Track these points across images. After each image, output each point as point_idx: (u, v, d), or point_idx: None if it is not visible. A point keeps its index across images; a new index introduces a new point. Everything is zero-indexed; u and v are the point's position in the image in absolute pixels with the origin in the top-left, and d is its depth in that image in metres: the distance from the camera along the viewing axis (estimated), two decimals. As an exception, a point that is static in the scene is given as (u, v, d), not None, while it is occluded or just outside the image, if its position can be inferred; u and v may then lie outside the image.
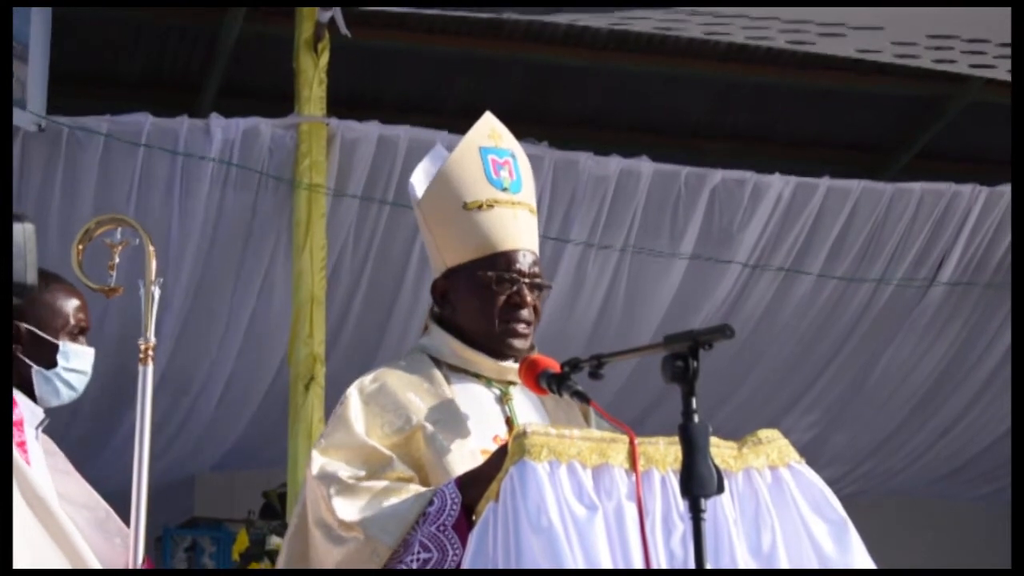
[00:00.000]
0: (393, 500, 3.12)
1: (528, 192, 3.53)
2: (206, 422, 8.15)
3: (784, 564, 2.97)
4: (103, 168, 6.73)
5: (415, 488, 3.15)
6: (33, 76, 6.34)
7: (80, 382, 3.63)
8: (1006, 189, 7.86)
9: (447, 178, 3.46)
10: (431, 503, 3.09)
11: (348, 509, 3.12)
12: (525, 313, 3.41)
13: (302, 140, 6.79)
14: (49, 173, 6.68)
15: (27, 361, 3.56)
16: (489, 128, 3.54)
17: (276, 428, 7.49)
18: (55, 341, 3.58)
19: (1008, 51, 6.43)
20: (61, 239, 6.47)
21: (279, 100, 7.12)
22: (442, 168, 3.48)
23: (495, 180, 3.46)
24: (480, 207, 3.43)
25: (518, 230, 3.45)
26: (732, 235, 7.72)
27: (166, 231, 6.88)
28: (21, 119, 6.32)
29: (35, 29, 6.35)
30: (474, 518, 3.00)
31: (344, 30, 6.63)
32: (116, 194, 6.75)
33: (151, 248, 3.67)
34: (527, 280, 3.42)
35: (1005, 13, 5.84)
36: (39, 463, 3.51)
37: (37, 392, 3.58)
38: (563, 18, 7.15)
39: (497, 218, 3.43)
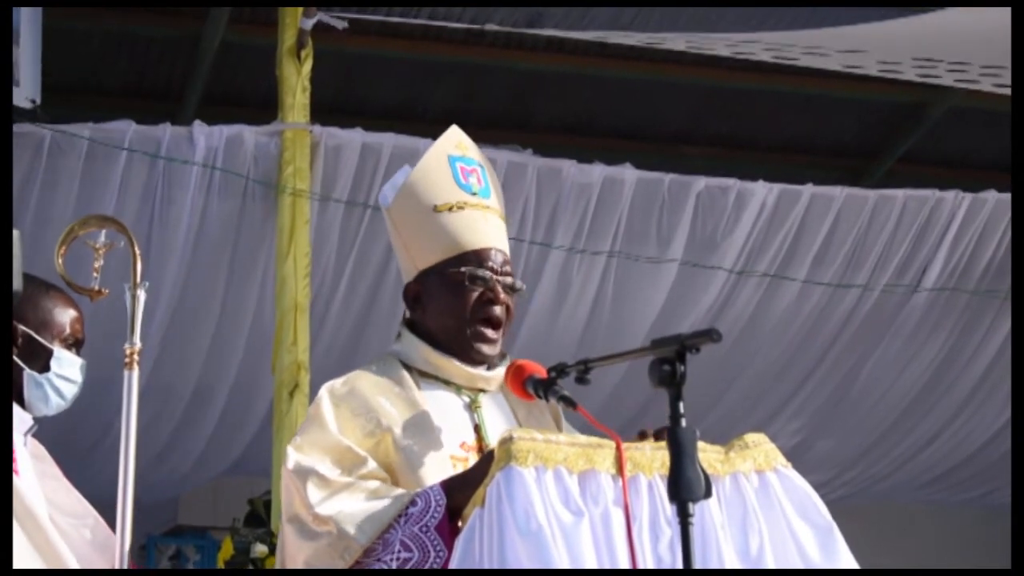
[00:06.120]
0: (371, 499, 3.09)
1: (497, 201, 3.55)
2: (195, 436, 8.09)
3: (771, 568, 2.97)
4: (85, 174, 6.69)
5: (396, 489, 3.14)
6: (25, 55, 6.29)
7: (70, 392, 3.57)
8: (989, 195, 7.87)
9: (417, 184, 3.49)
10: (413, 504, 3.07)
11: (324, 503, 3.09)
12: (497, 311, 3.40)
13: (286, 147, 6.77)
14: (30, 178, 6.63)
15: (20, 363, 3.50)
16: (456, 139, 3.58)
17: (260, 435, 7.47)
18: (50, 346, 3.53)
19: (992, 70, 6.43)
20: (32, 245, 6.38)
21: (262, 108, 7.10)
22: (411, 175, 3.51)
23: (464, 185, 3.48)
24: (450, 209, 3.45)
25: (489, 230, 3.46)
26: (717, 243, 7.71)
27: (145, 240, 6.83)
28: (14, 97, 6.26)
29: (25, 11, 6.31)
30: (460, 524, 2.99)
31: (340, 24, 6.60)
32: (95, 201, 6.70)
33: (136, 250, 3.61)
34: (500, 278, 3.42)
35: (985, 40, 5.84)
36: (28, 472, 3.46)
37: (27, 397, 3.52)
38: (545, 32, 7.14)
39: (467, 219, 3.45)
